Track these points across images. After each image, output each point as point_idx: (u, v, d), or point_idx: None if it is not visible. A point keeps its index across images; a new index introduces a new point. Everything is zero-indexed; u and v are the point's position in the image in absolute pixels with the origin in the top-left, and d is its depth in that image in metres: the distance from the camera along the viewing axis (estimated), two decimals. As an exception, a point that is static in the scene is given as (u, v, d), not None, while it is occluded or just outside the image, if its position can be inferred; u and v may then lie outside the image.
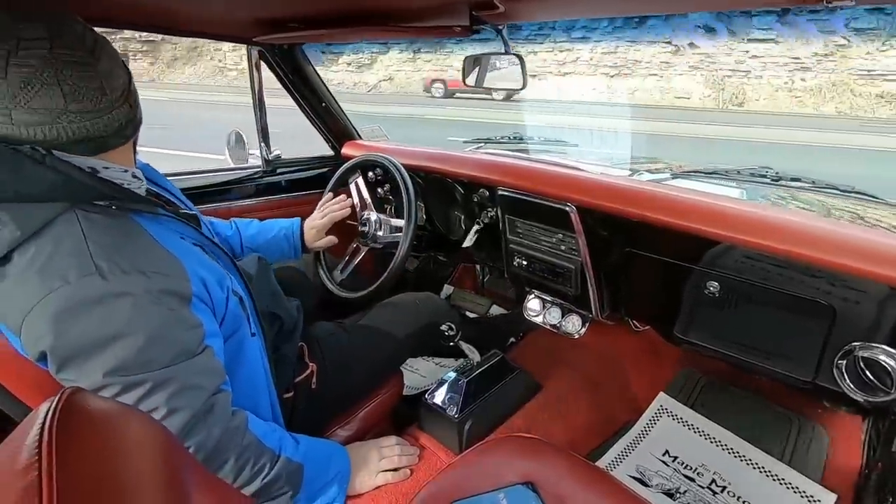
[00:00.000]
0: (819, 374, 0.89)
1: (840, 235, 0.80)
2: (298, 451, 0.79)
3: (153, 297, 0.61)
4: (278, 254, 1.20)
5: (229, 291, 0.74)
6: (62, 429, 0.32)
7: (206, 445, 0.66)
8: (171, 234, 0.70)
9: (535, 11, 0.95)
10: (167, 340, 0.63)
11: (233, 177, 1.51)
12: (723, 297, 0.97)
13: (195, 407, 0.65)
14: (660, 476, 1.13)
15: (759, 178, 1.18)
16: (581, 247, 1.15)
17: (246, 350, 0.79)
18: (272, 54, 1.44)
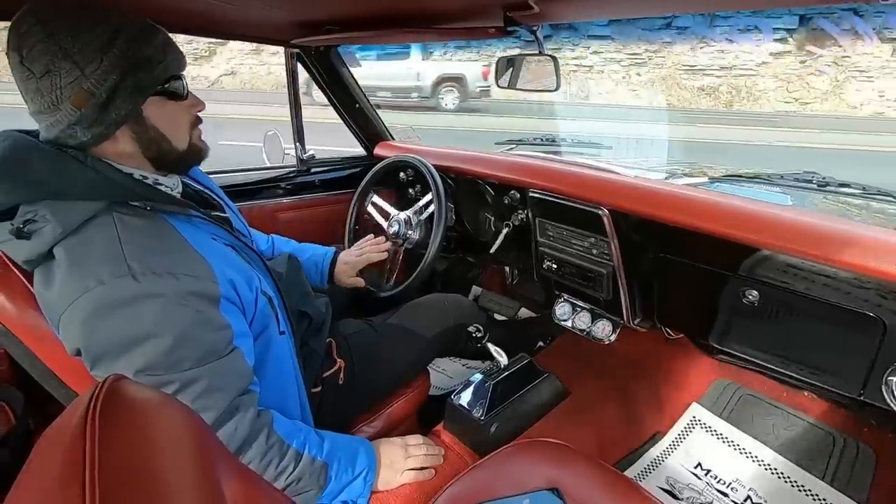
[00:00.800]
0: (866, 391, 0.85)
1: (890, 243, 0.76)
2: (323, 449, 0.80)
3: (182, 298, 0.63)
4: (308, 276, 1.19)
5: (258, 292, 0.75)
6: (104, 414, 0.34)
7: (230, 445, 0.68)
8: (203, 235, 0.72)
9: (570, 11, 0.94)
10: (195, 341, 0.64)
11: (269, 175, 1.55)
12: (762, 306, 0.94)
13: (220, 408, 0.66)
14: (691, 489, 1.10)
15: (805, 182, 1.13)
16: (613, 251, 1.13)
17: (274, 348, 0.81)
18: (309, 56, 1.48)
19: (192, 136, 0.76)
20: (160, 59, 0.68)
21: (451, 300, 1.24)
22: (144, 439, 0.35)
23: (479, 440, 1.07)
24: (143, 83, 0.66)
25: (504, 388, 1.15)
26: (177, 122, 0.73)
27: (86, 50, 0.61)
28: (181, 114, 0.74)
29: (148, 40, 0.67)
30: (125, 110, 0.65)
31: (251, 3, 0.96)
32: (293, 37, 1.28)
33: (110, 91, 0.63)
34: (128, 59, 0.64)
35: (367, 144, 1.76)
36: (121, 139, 0.68)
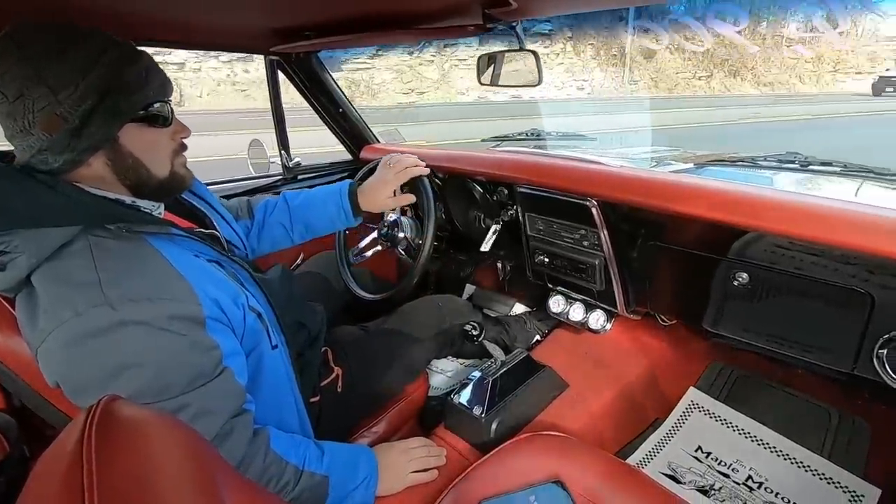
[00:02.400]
0: (858, 365, 0.86)
1: (876, 219, 0.77)
2: (323, 461, 0.79)
3: (163, 323, 0.61)
4: (330, 223, 1.13)
5: (245, 308, 0.73)
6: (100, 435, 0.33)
7: None
8: (186, 253, 0.70)
9: (548, 6, 0.94)
10: (181, 366, 0.63)
11: (254, 185, 1.54)
12: (753, 287, 0.95)
13: (214, 431, 0.65)
14: (693, 473, 1.11)
15: (788, 164, 1.14)
16: (604, 242, 1.14)
17: (268, 363, 0.80)
18: (289, 63, 1.47)
19: (173, 164, 0.74)
20: (140, 84, 0.66)
21: (444, 300, 1.24)
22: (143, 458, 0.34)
23: (481, 438, 1.07)
24: (118, 109, 0.64)
25: (503, 384, 1.15)
26: (157, 150, 0.71)
27: (61, 74, 0.59)
28: (162, 141, 0.72)
29: (129, 65, 0.65)
30: (98, 137, 0.63)
31: (227, 13, 0.95)
32: (272, 44, 1.27)
33: (84, 117, 0.61)
34: (105, 84, 0.62)
35: (352, 148, 1.76)
36: (95, 165, 0.66)
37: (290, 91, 1.54)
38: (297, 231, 1.12)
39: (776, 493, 1.04)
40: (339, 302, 1.34)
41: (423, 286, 1.79)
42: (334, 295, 1.33)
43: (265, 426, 0.76)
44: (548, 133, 1.75)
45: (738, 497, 1.05)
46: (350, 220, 1.13)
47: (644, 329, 1.41)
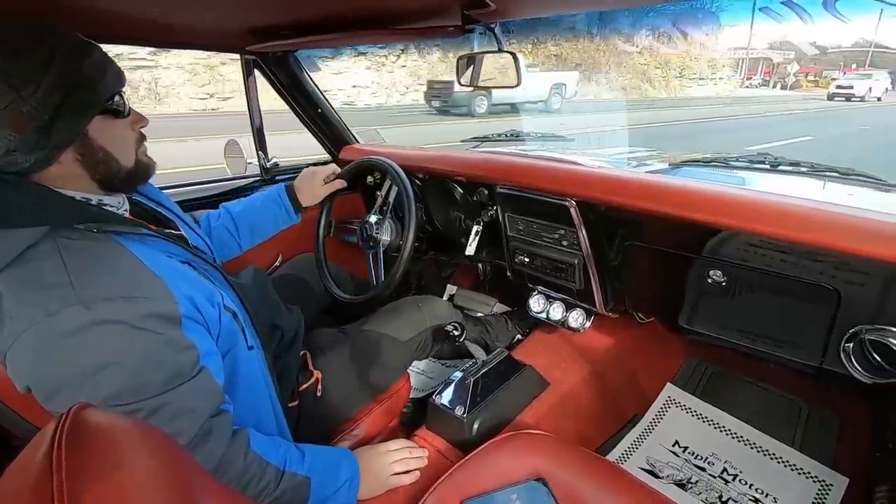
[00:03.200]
0: (826, 359, 0.89)
1: (841, 218, 0.80)
2: (304, 463, 0.79)
3: (139, 321, 0.60)
4: (274, 221, 1.19)
5: (221, 308, 0.73)
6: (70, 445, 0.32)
7: (207, 467, 0.65)
8: (157, 253, 0.69)
9: (527, 8, 0.95)
10: (158, 365, 0.62)
11: (231, 186, 1.51)
12: (727, 285, 0.97)
13: (192, 431, 0.64)
14: (671, 467, 1.13)
15: (758, 164, 1.18)
16: (582, 241, 1.15)
17: (244, 364, 0.79)
18: (266, 63, 1.45)
19: (138, 153, 0.74)
20: (100, 76, 0.65)
21: (424, 301, 1.24)
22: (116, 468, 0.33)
23: (463, 438, 1.07)
24: (86, 102, 0.63)
25: (484, 384, 1.16)
26: (123, 141, 0.71)
27: (20, 72, 0.58)
28: (126, 131, 0.72)
29: (85, 58, 0.64)
30: (69, 132, 0.62)
31: (201, 11, 0.93)
32: (248, 43, 1.25)
33: (52, 113, 0.60)
34: (68, 78, 0.61)
35: (331, 149, 1.74)
36: (65, 162, 0.64)
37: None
38: (244, 235, 1.14)
39: (750, 485, 1.07)
40: (318, 304, 1.33)
41: (404, 286, 1.78)
42: (314, 297, 1.31)
43: (244, 427, 0.75)
44: (527, 134, 1.77)
45: (714, 489, 1.07)
46: (292, 216, 1.20)
47: (622, 327, 1.43)
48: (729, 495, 1.06)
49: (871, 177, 1.06)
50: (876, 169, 1.11)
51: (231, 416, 0.71)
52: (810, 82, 31.97)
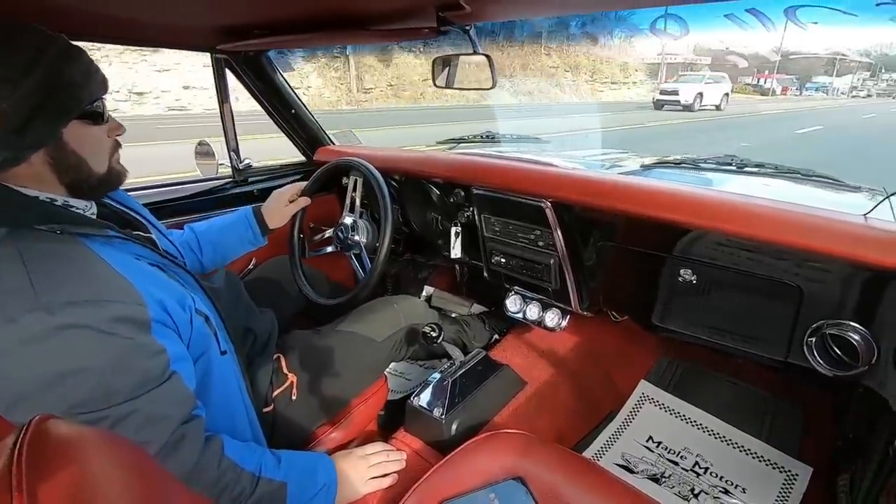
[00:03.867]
0: (791, 353, 0.93)
1: (802, 217, 0.83)
2: (280, 469, 0.78)
3: (107, 326, 0.58)
4: (239, 240, 1.17)
5: (192, 311, 0.71)
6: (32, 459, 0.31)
7: (180, 475, 0.64)
8: (126, 256, 0.67)
9: (502, 11, 0.96)
10: (127, 371, 0.60)
11: (202, 188, 1.48)
12: (697, 283, 1.00)
13: (164, 438, 0.62)
14: (645, 462, 1.16)
15: (725, 166, 1.22)
16: (558, 242, 1.17)
17: (216, 369, 0.77)
18: (237, 62, 1.42)
19: (111, 161, 0.72)
20: (85, 81, 0.64)
21: (400, 302, 1.23)
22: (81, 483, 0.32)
23: (442, 439, 1.07)
24: (65, 107, 0.62)
25: (462, 385, 1.16)
26: (98, 147, 0.70)
27: (4, 69, 0.57)
28: (102, 138, 0.70)
29: (72, 62, 0.63)
30: (43, 135, 0.61)
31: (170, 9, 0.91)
32: (218, 42, 1.22)
33: (28, 114, 0.58)
34: (52, 81, 0.60)
35: (306, 150, 1.72)
36: (35, 163, 0.62)
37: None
38: (207, 253, 1.13)
39: (720, 477, 1.11)
40: (293, 306, 1.30)
41: (380, 288, 1.77)
42: (288, 299, 1.29)
43: (218, 433, 0.73)
44: (502, 135, 1.78)
45: (687, 483, 1.10)
46: (258, 238, 1.20)
47: (597, 326, 1.46)
48: (701, 488, 1.09)
49: (830, 178, 1.11)
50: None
51: (203, 422, 0.70)
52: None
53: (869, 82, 36.97)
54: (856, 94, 33.36)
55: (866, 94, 32.77)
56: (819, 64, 37.51)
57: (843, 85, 35.02)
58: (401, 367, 1.51)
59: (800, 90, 33.32)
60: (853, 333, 0.82)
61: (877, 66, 39.03)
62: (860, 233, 0.77)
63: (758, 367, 1.10)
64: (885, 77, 39.21)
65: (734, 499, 1.06)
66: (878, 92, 34.81)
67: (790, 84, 33.27)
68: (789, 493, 1.06)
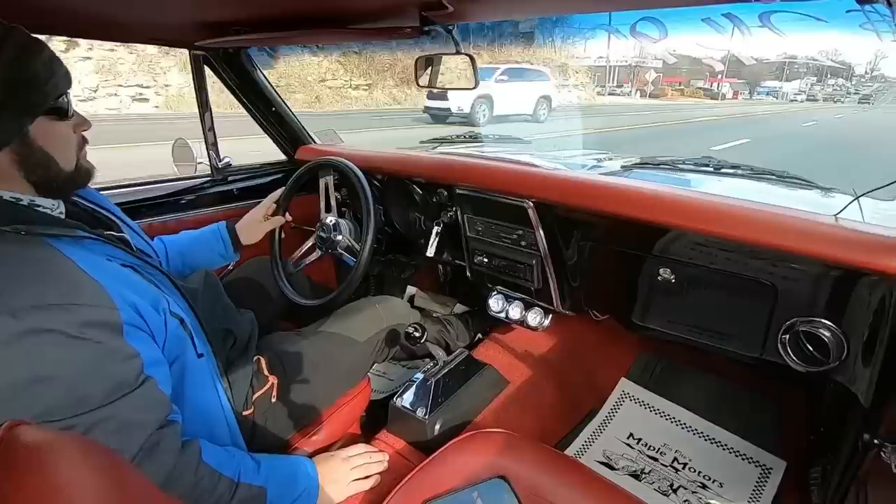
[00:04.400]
0: (766, 350, 0.95)
1: (777, 217, 0.85)
2: (259, 474, 0.76)
3: (76, 330, 0.56)
4: (210, 253, 1.16)
5: (167, 314, 0.70)
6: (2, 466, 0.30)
7: (156, 482, 0.62)
8: (96, 257, 0.65)
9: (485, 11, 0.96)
10: (98, 376, 0.58)
11: (181, 186, 1.45)
12: (676, 282, 1.02)
13: (139, 444, 0.61)
14: (625, 459, 1.17)
15: (703, 167, 1.24)
16: (540, 242, 1.18)
17: (193, 373, 0.76)
18: (216, 59, 1.40)
19: (79, 157, 0.71)
20: (49, 75, 0.62)
21: (383, 302, 1.23)
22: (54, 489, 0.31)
23: (425, 439, 1.07)
24: (31, 102, 0.60)
25: (445, 385, 1.16)
26: (65, 144, 0.68)
27: None
28: (69, 134, 0.68)
29: (35, 56, 0.61)
30: (10, 132, 0.59)
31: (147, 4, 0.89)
32: (196, 39, 1.20)
33: None
34: (14, 76, 0.58)
35: (287, 149, 1.70)
36: (1, 162, 0.61)
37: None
38: (174, 264, 1.11)
39: (699, 472, 1.13)
40: (274, 307, 1.29)
41: (363, 288, 1.76)
42: (269, 300, 1.27)
43: (195, 438, 0.72)
44: (485, 136, 1.78)
45: (666, 478, 1.12)
46: (230, 253, 1.19)
47: (579, 325, 1.47)
48: (679, 483, 1.11)
49: (803, 179, 1.14)
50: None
51: (180, 427, 0.68)
52: (676, 91, 32.53)
53: (816, 87, 38.00)
54: (795, 98, 33.88)
55: (805, 99, 33.08)
56: (769, 69, 38.25)
57: (793, 89, 35.73)
58: (383, 368, 1.50)
59: (750, 94, 33.92)
60: (825, 330, 0.85)
61: (824, 71, 40.16)
62: (831, 233, 0.79)
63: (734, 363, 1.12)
64: (832, 82, 40.39)
65: (712, 493, 1.08)
66: (824, 96, 35.82)
67: (741, 88, 33.96)
68: (764, 486, 1.09)
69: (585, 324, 1.48)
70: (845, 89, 39.49)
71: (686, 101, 27.63)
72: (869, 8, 0.61)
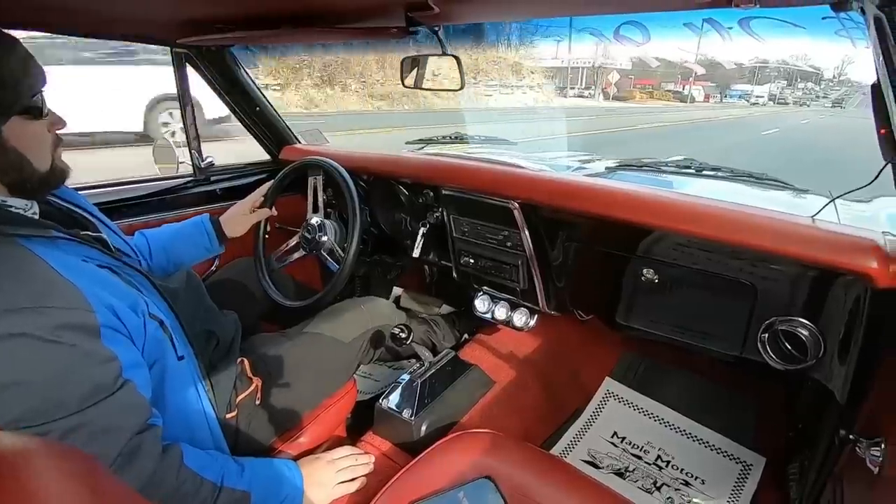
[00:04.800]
0: (745, 349, 0.97)
1: (756, 219, 0.87)
2: (243, 478, 0.75)
3: (51, 333, 0.55)
4: (194, 247, 1.14)
5: (146, 316, 0.69)
6: None
7: (136, 487, 0.61)
8: (72, 258, 0.64)
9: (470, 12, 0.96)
10: (74, 381, 0.57)
11: (162, 186, 1.42)
12: (659, 282, 1.03)
13: (118, 449, 0.60)
14: (610, 457, 1.18)
15: (685, 169, 1.26)
16: (526, 243, 1.18)
17: (173, 376, 0.74)
18: (199, 57, 1.37)
19: (54, 157, 0.69)
20: (23, 74, 0.61)
21: (368, 304, 1.22)
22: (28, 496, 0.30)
23: (411, 440, 1.07)
24: (6, 102, 0.59)
25: (431, 386, 1.16)
26: (40, 144, 0.66)
27: None
28: (44, 134, 0.67)
29: (8, 53, 0.59)
30: None
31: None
32: (179, 36, 1.18)
33: None
34: None
35: (271, 149, 1.68)
36: None
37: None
38: (157, 260, 1.09)
39: (681, 470, 1.15)
40: (258, 309, 1.27)
41: (348, 289, 1.75)
42: (253, 301, 1.26)
43: (177, 442, 0.71)
44: (471, 136, 1.79)
45: (650, 476, 1.13)
46: (215, 245, 1.16)
47: (564, 325, 1.49)
48: (663, 480, 1.12)
49: (781, 181, 1.16)
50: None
51: (160, 430, 0.67)
52: (644, 93, 31.49)
53: (787, 90, 38.53)
54: (758, 101, 33.49)
55: (764, 103, 32.47)
56: (739, 73, 38.52)
57: (764, 92, 35.72)
58: (369, 369, 1.49)
59: (721, 98, 34.02)
60: (802, 329, 0.87)
61: (793, 75, 40.92)
62: (808, 234, 0.81)
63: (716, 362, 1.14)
64: (801, 86, 41.13)
65: (694, 490, 1.10)
66: (794, 100, 36.12)
67: (713, 91, 33.94)
68: (744, 482, 1.11)
69: (570, 324, 1.49)
70: (814, 93, 40.25)
71: (654, 104, 27.03)
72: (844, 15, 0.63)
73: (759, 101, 33.52)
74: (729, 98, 34.40)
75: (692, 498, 1.08)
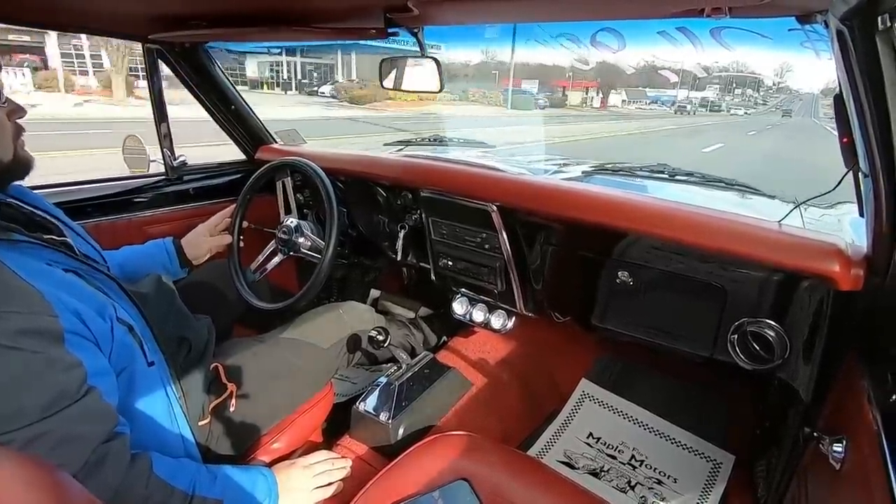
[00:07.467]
0: (716, 349, 0.99)
1: (726, 223, 0.89)
2: (216, 485, 0.74)
3: (10, 339, 0.53)
4: (152, 267, 1.11)
5: (113, 321, 0.67)
6: None
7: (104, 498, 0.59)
8: (35, 262, 0.62)
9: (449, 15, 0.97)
10: (36, 388, 0.55)
11: (133, 185, 1.38)
12: (633, 285, 1.05)
13: (83, 458, 0.57)
14: (585, 458, 1.20)
15: (658, 174, 1.29)
16: (504, 245, 1.19)
17: (143, 382, 0.72)
18: (172, 54, 1.34)
19: (16, 146, 0.67)
20: None
21: (345, 307, 1.21)
22: None
23: (388, 444, 1.06)
24: None
25: (409, 388, 1.15)
26: (0, 132, 0.64)
27: None
28: (4, 122, 0.65)
29: None
30: None
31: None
32: (151, 31, 1.15)
33: None
34: None
35: (246, 148, 1.65)
36: None
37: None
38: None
39: (654, 469, 1.17)
40: (232, 313, 1.24)
41: (325, 292, 1.73)
42: (227, 305, 1.23)
43: (146, 450, 0.69)
44: (449, 139, 1.79)
45: (624, 476, 1.15)
46: (176, 269, 1.15)
47: (541, 327, 1.50)
48: (637, 480, 1.14)
49: (750, 187, 1.20)
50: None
51: (128, 439, 0.65)
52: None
53: (727, 97, 39.21)
54: (685, 106, 32.36)
55: (689, 111, 31.32)
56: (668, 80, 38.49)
57: (696, 96, 35.21)
58: (347, 372, 1.47)
59: (631, 101, 32.97)
60: (769, 330, 0.89)
61: (730, 81, 41.96)
62: (774, 238, 0.84)
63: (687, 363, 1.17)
64: (738, 91, 42.07)
65: (667, 488, 1.12)
66: (728, 105, 36.23)
67: (635, 97, 32.56)
68: (715, 480, 1.13)
69: (547, 326, 1.50)
70: (753, 100, 41.12)
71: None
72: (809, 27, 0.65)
73: (685, 107, 32.36)
74: (651, 103, 33.15)
75: (664, 496, 1.10)
